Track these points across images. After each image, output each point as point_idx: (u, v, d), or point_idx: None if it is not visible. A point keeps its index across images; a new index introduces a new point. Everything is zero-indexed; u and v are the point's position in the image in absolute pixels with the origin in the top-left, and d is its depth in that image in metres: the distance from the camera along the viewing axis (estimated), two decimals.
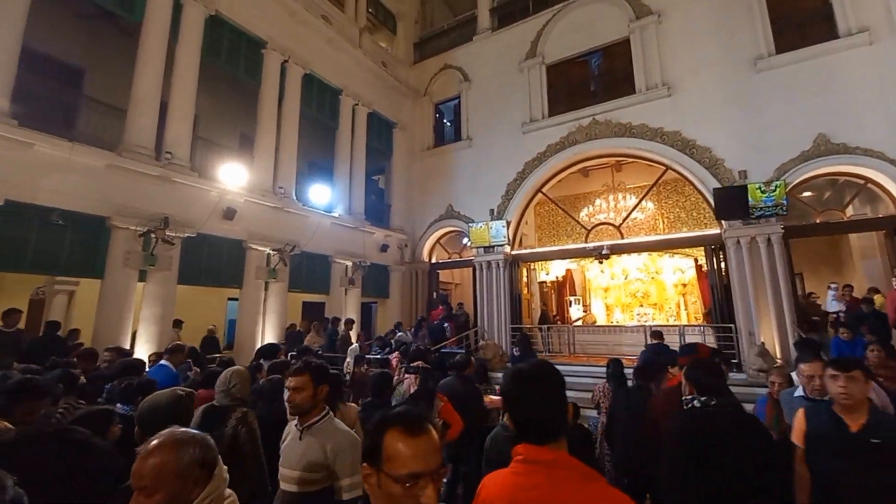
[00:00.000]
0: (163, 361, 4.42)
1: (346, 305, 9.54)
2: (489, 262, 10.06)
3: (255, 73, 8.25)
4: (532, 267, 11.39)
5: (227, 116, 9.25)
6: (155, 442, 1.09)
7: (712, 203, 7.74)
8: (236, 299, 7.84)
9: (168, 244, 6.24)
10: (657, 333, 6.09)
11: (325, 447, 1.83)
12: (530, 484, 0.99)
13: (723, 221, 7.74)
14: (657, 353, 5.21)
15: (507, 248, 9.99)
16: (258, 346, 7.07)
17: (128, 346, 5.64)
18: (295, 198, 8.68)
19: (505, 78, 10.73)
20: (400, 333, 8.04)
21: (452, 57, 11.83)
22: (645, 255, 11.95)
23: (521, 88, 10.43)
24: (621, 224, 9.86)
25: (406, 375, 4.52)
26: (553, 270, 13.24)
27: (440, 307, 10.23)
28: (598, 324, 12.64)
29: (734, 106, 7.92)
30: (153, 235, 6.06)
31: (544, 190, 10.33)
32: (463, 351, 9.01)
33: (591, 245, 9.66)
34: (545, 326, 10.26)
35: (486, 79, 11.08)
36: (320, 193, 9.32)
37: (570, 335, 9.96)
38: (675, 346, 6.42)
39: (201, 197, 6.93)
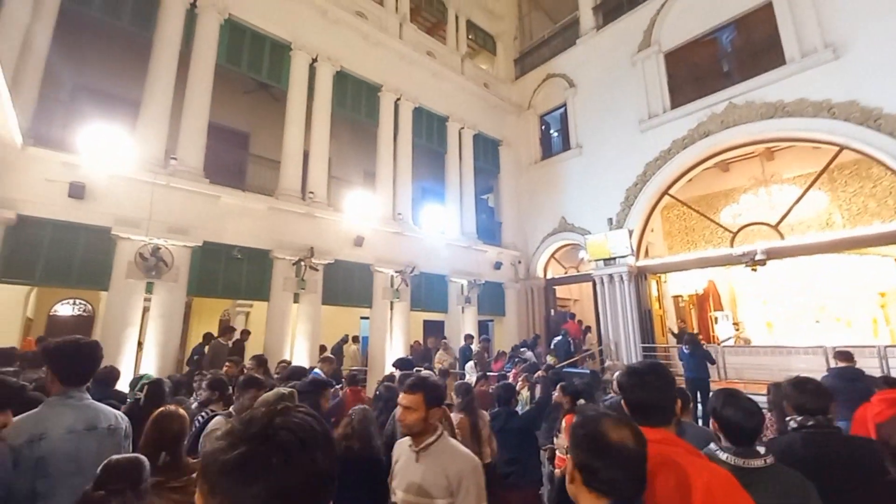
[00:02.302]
0: (315, 369, 5.26)
1: (464, 323, 9.71)
2: (611, 276, 9.22)
3: (374, 115, 9.21)
4: (663, 279, 10.07)
5: (351, 155, 10.47)
6: None
7: None
8: (367, 318, 8.61)
9: (314, 270, 7.23)
10: (845, 355, 4.74)
11: (446, 472, 1.69)
12: None
13: None
14: (848, 379, 4.08)
15: (632, 260, 9.04)
16: (387, 359, 7.68)
17: (287, 356, 6.66)
18: (412, 222, 9.29)
19: (615, 76, 10.00)
20: (529, 353, 7.95)
21: (555, 65, 11.53)
22: (817, 257, 9.57)
23: (635, 84, 9.58)
24: (779, 222, 8.13)
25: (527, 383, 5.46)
26: (690, 282, 11.50)
27: (569, 320, 9.77)
28: (752, 344, 10.46)
29: None
30: (303, 263, 7.09)
31: (672, 191, 9.16)
32: (587, 371, 8.36)
33: (739, 250, 8.16)
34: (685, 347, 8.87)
35: (593, 81, 10.49)
36: (434, 216, 9.80)
37: (720, 357, 8.41)
38: (873, 371, 4.92)
39: (336, 228, 7.89)
